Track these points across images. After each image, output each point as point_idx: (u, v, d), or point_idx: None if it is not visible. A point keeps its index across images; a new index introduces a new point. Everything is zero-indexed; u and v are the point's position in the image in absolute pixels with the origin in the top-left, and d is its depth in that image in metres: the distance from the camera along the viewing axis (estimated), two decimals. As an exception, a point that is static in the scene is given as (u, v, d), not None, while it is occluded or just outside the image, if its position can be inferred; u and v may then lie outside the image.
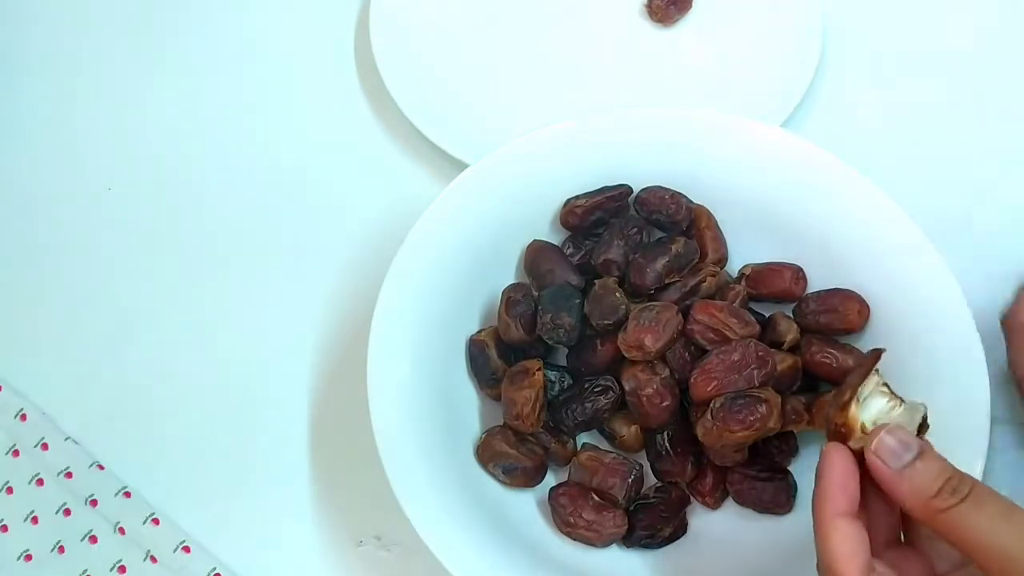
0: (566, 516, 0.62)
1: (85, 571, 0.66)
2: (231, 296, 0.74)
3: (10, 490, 0.68)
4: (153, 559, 0.66)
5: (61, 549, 0.67)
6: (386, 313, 0.63)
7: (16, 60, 0.84)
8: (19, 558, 0.67)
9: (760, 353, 0.60)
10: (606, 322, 0.62)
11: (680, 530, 0.63)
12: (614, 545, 0.63)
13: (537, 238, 0.68)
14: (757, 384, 0.59)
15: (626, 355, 0.62)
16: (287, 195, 0.77)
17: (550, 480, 0.65)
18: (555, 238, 0.69)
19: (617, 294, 0.63)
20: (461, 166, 0.69)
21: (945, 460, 0.49)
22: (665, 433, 0.64)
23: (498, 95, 0.80)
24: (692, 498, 0.64)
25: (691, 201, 0.68)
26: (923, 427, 0.51)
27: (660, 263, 0.65)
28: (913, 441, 0.49)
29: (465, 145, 0.74)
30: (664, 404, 0.62)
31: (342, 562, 0.65)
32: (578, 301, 0.64)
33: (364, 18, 0.81)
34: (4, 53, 0.84)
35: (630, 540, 0.62)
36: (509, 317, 0.64)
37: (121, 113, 0.81)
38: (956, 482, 0.48)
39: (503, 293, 0.66)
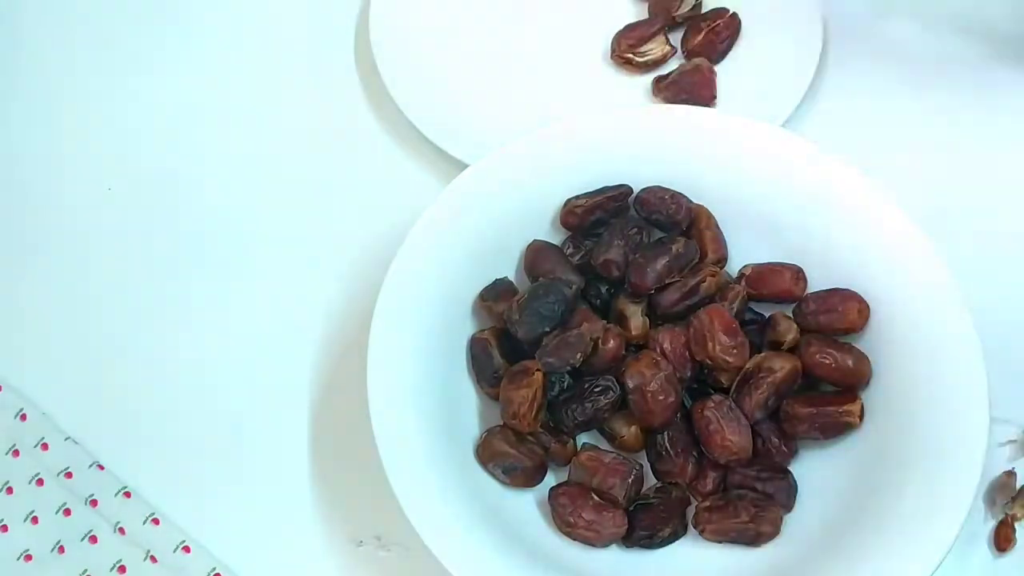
0: (566, 516, 0.62)
1: (85, 571, 0.66)
2: (231, 296, 0.74)
3: (10, 490, 0.68)
4: (153, 559, 0.66)
5: (61, 549, 0.67)
6: (386, 313, 0.63)
7: (15, 61, 0.85)
8: (19, 558, 0.67)
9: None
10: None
11: (680, 530, 0.63)
12: (614, 545, 0.63)
13: (537, 238, 0.68)
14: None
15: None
16: (287, 195, 0.78)
17: (550, 480, 0.65)
18: (556, 238, 0.69)
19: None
20: (461, 166, 0.69)
21: None
22: (665, 433, 0.64)
23: (498, 95, 0.80)
24: (692, 498, 0.64)
25: (691, 201, 0.68)
26: None
27: (660, 263, 0.65)
28: None
29: (465, 145, 0.74)
30: (669, 400, 0.62)
31: (342, 562, 0.66)
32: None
33: (364, 19, 0.81)
34: (2, 54, 0.85)
35: (630, 540, 0.63)
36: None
37: (122, 114, 0.82)
38: None
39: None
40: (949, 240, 0.65)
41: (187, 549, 0.66)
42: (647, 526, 0.62)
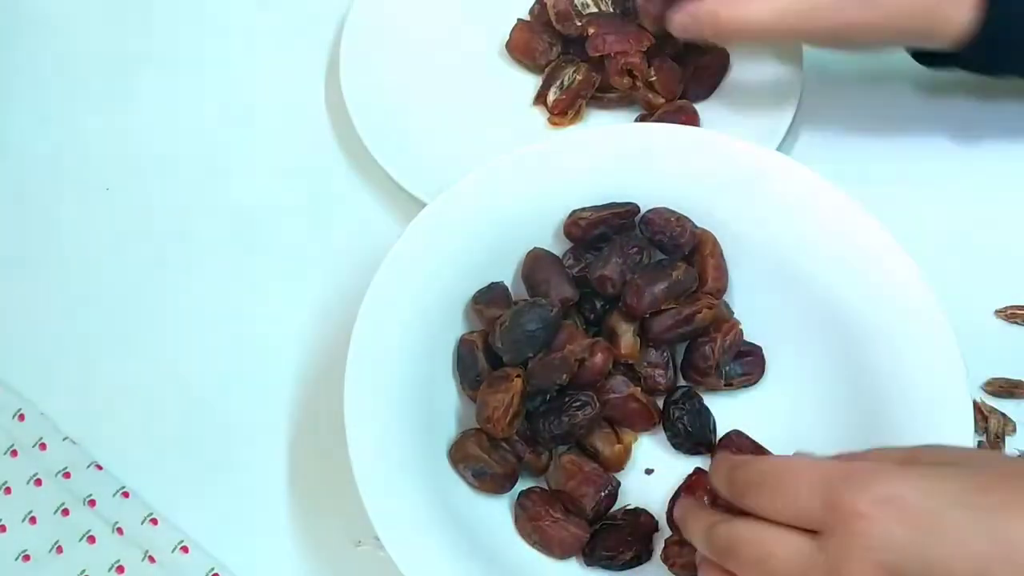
0: (530, 517, 0.63)
1: (83, 571, 0.66)
2: (228, 294, 0.75)
3: (8, 490, 0.69)
4: (151, 559, 0.66)
5: (59, 549, 0.67)
6: (372, 308, 0.64)
7: (13, 61, 0.85)
8: (17, 558, 0.67)
9: None
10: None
11: (644, 556, 0.64)
12: (574, 561, 0.64)
13: (540, 246, 0.68)
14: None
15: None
16: (279, 197, 0.79)
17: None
18: (560, 248, 0.69)
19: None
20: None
21: None
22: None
23: (468, 139, 0.79)
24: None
25: (696, 226, 0.68)
26: None
27: (659, 288, 0.65)
28: None
29: (433, 189, 0.72)
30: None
31: (341, 562, 0.66)
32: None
33: (335, 63, 0.81)
34: (2, 54, 0.86)
35: (591, 558, 0.63)
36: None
37: (121, 115, 0.82)
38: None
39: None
40: (941, 255, 0.67)
41: (185, 549, 0.66)
42: (610, 547, 0.63)
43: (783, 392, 0.68)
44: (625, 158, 0.68)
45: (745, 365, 0.68)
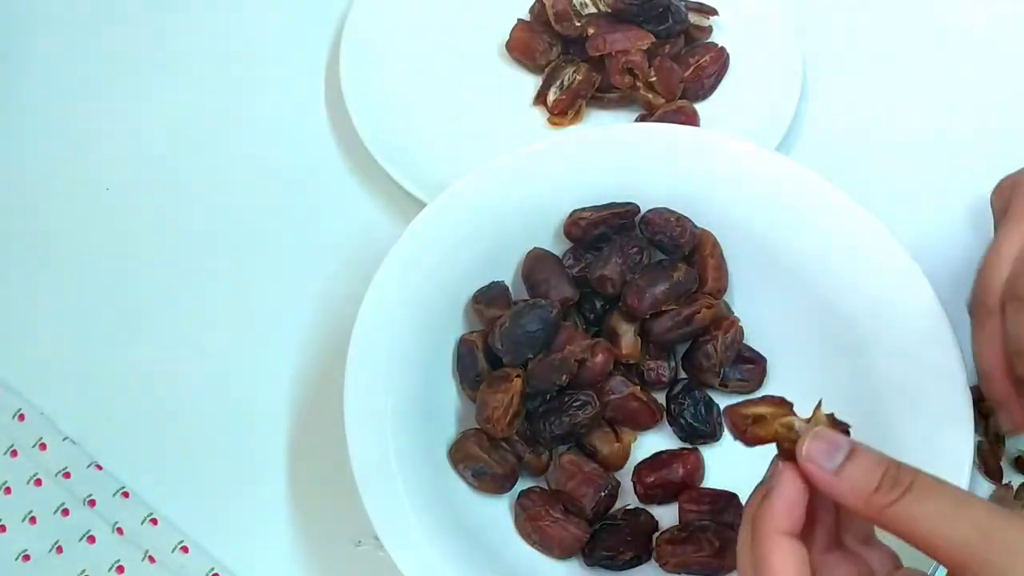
0: (531, 516, 0.63)
1: (83, 571, 0.66)
2: (228, 294, 0.75)
3: (8, 490, 0.68)
4: (151, 559, 0.66)
5: (59, 549, 0.67)
6: (372, 308, 0.64)
7: (14, 61, 0.85)
8: (17, 558, 0.67)
9: None
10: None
11: (644, 556, 0.64)
12: (575, 562, 0.64)
13: (540, 245, 0.69)
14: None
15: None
16: (279, 196, 0.79)
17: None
18: (560, 248, 0.69)
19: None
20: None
21: (879, 452, 0.47)
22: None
23: (468, 139, 0.79)
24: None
25: (696, 226, 0.68)
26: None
27: (659, 289, 0.65)
28: (842, 440, 0.47)
29: (433, 189, 0.72)
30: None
31: (341, 562, 0.66)
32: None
33: (335, 63, 0.81)
34: (2, 54, 0.85)
35: (591, 558, 0.63)
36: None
37: (121, 115, 0.82)
38: (895, 472, 0.46)
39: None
40: (934, 260, 0.67)
41: (185, 549, 0.66)
42: (610, 547, 0.63)
43: (781, 393, 0.67)
44: (625, 158, 0.69)
45: (746, 372, 0.68)
